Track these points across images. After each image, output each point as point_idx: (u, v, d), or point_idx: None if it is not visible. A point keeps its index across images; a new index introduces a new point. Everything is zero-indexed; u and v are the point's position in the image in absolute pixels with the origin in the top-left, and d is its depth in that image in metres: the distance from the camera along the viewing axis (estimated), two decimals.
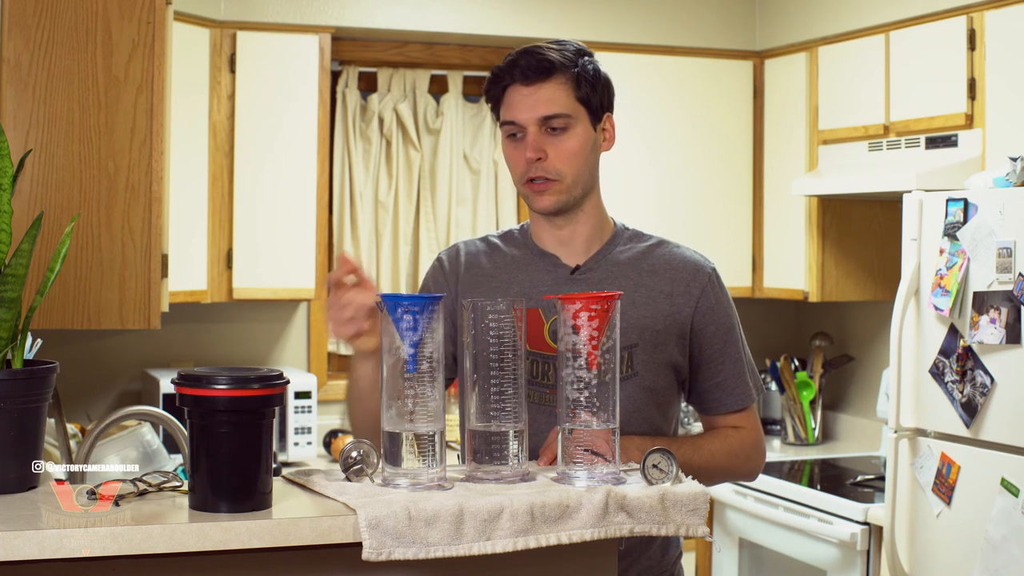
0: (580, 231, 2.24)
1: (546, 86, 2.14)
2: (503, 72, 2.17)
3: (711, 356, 2.24)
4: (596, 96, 2.20)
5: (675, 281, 2.22)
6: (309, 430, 4.20)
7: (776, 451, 4.54)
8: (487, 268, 2.27)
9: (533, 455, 2.06)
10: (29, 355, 2.48)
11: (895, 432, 3.33)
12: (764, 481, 3.97)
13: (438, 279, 2.29)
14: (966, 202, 3.15)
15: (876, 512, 3.54)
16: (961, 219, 3.15)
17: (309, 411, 4.19)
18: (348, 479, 1.86)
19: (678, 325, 2.21)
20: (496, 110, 2.22)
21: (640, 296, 2.20)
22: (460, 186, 4.71)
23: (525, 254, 2.27)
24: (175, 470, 1.92)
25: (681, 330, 2.21)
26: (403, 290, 4.61)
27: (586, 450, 1.87)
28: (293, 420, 4.17)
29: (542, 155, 2.14)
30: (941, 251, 3.21)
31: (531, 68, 2.14)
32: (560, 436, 1.90)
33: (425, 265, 4.63)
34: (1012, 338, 2.99)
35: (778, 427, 4.71)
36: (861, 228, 4.34)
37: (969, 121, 3.66)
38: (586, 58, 2.19)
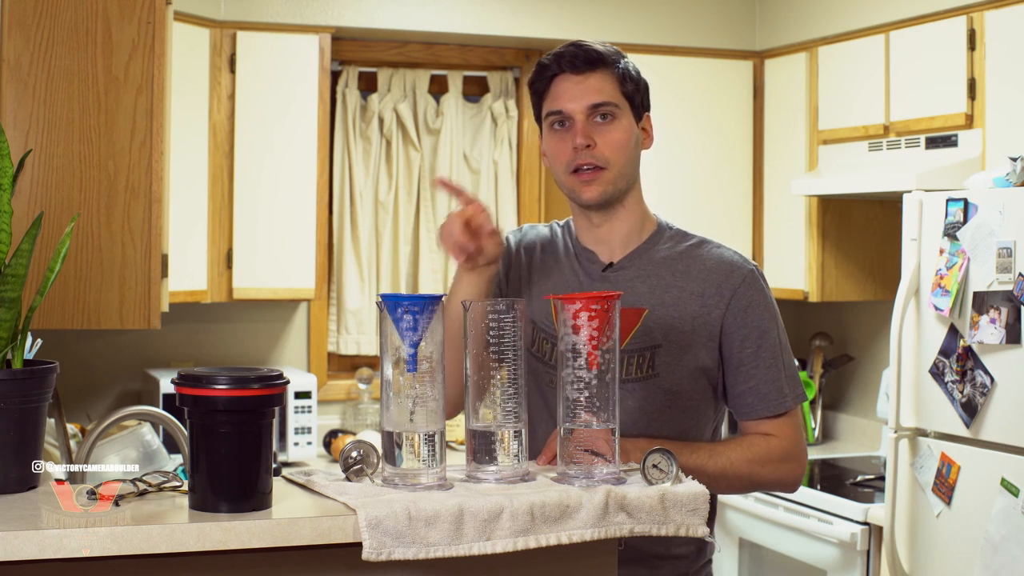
0: (618, 228, 2.23)
1: (594, 76, 2.17)
2: (550, 63, 2.19)
3: (743, 359, 2.17)
4: (638, 94, 2.23)
5: (707, 282, 2.18)
6: (309, 430, 4.20)
7: None
8: (536, 257, 2.28)
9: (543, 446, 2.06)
10: (29, 355, 2.48)
11: (895, 432, 3.33)
12: None
13: (508, 253, 2.31)
14: (966, 202, 3.15)
15: (876, 512, 3.54)
16: (961, 219, 3.15)
17: (309, 411, 4.19)
18: (348, 479, 1.86)
19: (708, 327, 2.16)
20: (539, 104, 2.22)
21: (671, 297, 2.17)
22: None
23: (566, 249, 2.28)
24: (175, 470, 1.92)
25: (711, 332, 2.17)
26: (403, 290, 4.61)
27: (586, 450, 1.87)
28: (293, 420, 4.17)
29: (591, 142, 2.15)
30: (941, 251, 3.21)
31: (579, 58, 2.17)
32: (560, 436, 1.90)
33: (425, 265, 4.64)
34: (1012, 338, 2.99)
35: None
36: (861, 228, 4.34)
37: (969, 121, 3.66)
38: (626, 59, 2.23)
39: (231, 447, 1.73)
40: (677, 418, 2.18)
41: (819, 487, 3.91)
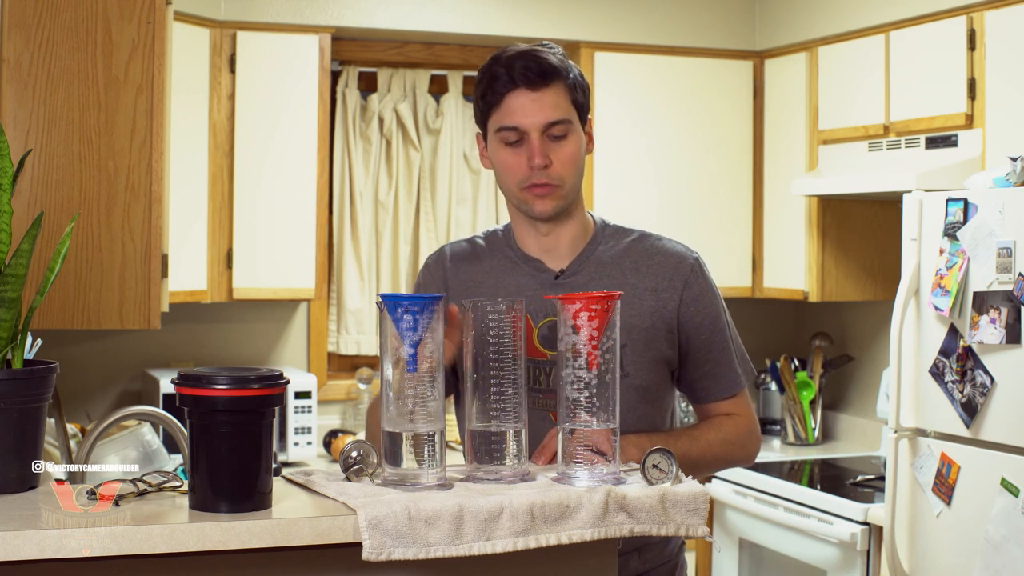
0: (565, 235, 2.24)
1: (549, 91, 2.14)
2: (502, 75, 2.14)
3: (698, 346, 2.24)
4: (585, 100, 2.22)
5: (658, 275, 2.23)
6: (309, 430, 4.20)
7: (776, 451, 4.54)
8: (474, 273, 2.28)
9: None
10: (29, 355, 2.48)
11: (895, 432, 3.33)
12: (764, 481, 3.97)
13: (428, 285, 2.30)
14: (966, 202, 3.15)
15: (876, 512, 3.54)
16: (961, 219, 3.15)
17: (309, 411, 4.19)
18: (348, 479, 1.86)
19: (665, 320, 2.21)
20: (486, 112, 2.18)
21: (626, 296, 2.19)
22: (460, 186, 4.71)
23: (509, 259, 2.27)
24: (175, 470, 1.93)
25: (669, 324, 2.22)
26: (403, 290, 4.61)
27: (586, 450, 1.87)
28: (293, 420, 4.17)
29: (548, 162, 2.14)
30: (941, 251, 3.21)
31: (533, 71, 2.12)
32: (560, 436, 1.90)
33: None
34: (1012, 338, 2.99)
35: (778, 427, 4.71)
36: (861, 228, 4.34)
37: (969, 121, 3.66)
38: (571, 62, 2.21)
39: (231, 447, 1.73)
40: (646, 413, 2.22)
41: (819, 487, 3.91)
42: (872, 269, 4.36)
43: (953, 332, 3.16)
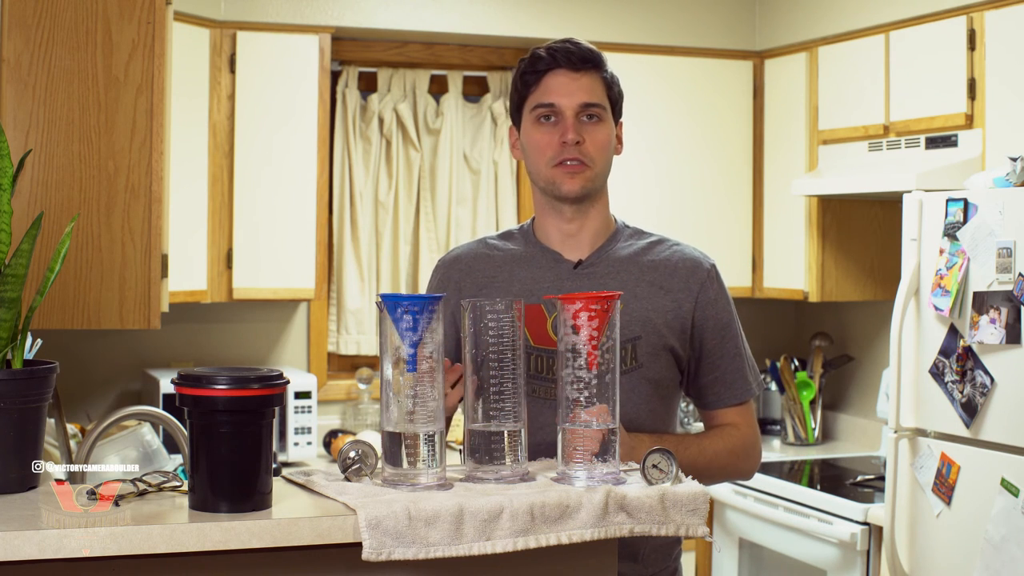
0: (588, 226, 2.27)
1: (587, 76, 2.22)
2: (545, 55, 2.22)
3: (710, 350, 2.27)
4: (619, 102, 2.29)
5: (675, 277, 2.26)
6: (309, 430, 4.20)
7: (776, 451, 4.54)
8: (487, 271, 2.29)
9: (538, 451, 2.07)
10: (29, 355, 2.48)
11: (895, 432, 3.33)
12: (764, 481, 3.97)
13: (442, 287, 2.31)
14: (966, 202, 3.15)
15: (876, 512, 3.54)
16: (961, 219, 3.15)
17: (309, 411, 4.19)
18: (347, 479, 1.86)
19: (680, 319, 2.24)
20: (524, 95, 2.24)
21: (642, 290, 2.23)
22: (460, 186, 4.71)
23: (527, 250, 2.30)
24: (175, 470, 1.93)
25: (683, 323, 2.24)
26: (403, 290, 4.61)
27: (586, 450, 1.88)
28: (293, 420, 4.17)
29: (581, 139, 2.19)
30: (941, 251, 3.21)
31: (575, 55, 2.22)
32: (560, 436, 1.90)
33: (425, 265, 4.63)
34: (1012, 338, 2.99)
35: (778, 427, 4.71)
36: (861, 228, 4.34)
37: (969, 121, 3.66)
38: (609, 65, 2.29)
39: (231, 447, 1.73)
40: (657, 408, 2.24)
41: (819, 487, 3.91)
42: (872, 269, 4.36)
43: (953, 332, 3.16)
